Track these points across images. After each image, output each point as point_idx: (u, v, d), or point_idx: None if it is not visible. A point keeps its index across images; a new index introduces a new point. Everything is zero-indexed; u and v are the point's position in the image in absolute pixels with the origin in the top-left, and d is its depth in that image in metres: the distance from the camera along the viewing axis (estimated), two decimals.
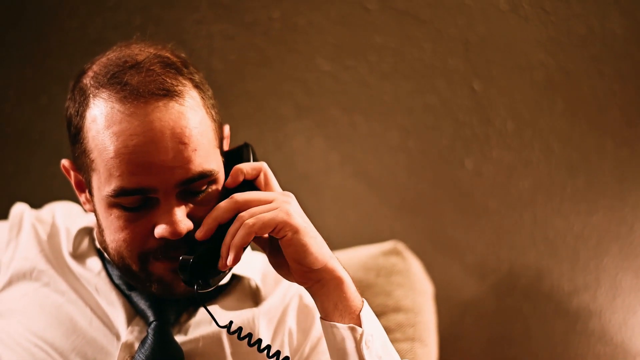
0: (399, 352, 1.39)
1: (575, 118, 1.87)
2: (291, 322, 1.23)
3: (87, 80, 1.11)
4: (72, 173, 1.19)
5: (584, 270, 1.86)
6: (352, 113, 1.86)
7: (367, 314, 1.07)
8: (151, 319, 1.16)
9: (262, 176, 1.10)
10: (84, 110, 1.09)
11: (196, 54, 1.81)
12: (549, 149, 1.87)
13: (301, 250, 1.04)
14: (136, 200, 1.07)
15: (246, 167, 1.10)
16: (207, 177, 1.08)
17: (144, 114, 1.04)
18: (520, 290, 1.86)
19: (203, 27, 1.83)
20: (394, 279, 1.58)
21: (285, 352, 1.20)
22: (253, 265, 1.28)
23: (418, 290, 1.61)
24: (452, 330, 1.85)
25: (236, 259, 1.03)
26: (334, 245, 1.18)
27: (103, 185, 1.07)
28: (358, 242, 1.74)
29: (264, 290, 1.25)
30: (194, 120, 1.07)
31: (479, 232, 1.87)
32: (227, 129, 1.19)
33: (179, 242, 1.08)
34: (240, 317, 1.20)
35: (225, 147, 1.19)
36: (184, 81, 1.09)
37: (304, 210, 1.09)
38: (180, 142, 1.05)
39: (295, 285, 1.16)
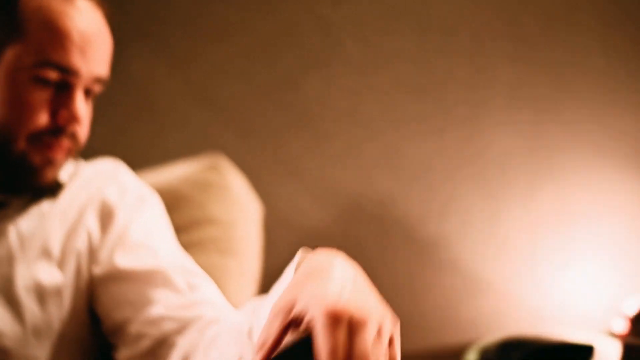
0: (210, 265, 1.33)
1: (424, 42, 1.82)
2: (90, 222, 1.17)
3: None
4: None
5: (433, 197, 1.80)
6: (194, 37, 1.82)
7: None
8: None
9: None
10: None
11: None
12: (396, 73, 1.81)
13: None
14: (55, 77, 1.09)
15: None
16: (103, 81, 1.14)
17: (91, 10, 1.12)
18: (366, 218, 1.80)
19: None
20: (209, 192, 1.53)
21: (84, 254, 1.15)
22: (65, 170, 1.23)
23: (235, 205, 1.55)
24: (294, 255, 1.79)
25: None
26: None
27: (27, 56, 1.08)
28: None
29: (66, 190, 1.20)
30: None
31: (324, 158, 1.81)
32: None
33: (65, 134, 1.11)
34: (27, 220, 1.15)
35: None
36: None
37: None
38: (109, 46, 1.14)
39: (99, 186, 1.18)
